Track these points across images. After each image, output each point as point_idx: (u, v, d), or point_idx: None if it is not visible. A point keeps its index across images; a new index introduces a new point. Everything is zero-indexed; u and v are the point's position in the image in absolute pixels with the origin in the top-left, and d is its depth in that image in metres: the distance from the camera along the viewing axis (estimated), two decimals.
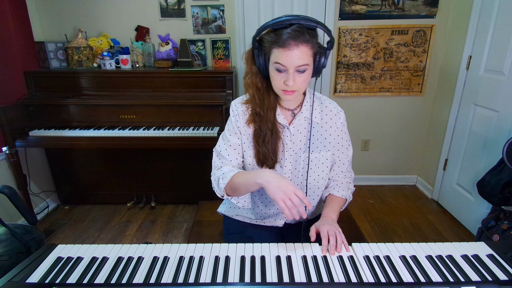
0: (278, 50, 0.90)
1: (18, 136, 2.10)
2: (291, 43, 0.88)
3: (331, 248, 0.87)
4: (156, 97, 2.21)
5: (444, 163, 2.51)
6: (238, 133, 1.08)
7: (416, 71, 2.60)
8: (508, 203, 1.64)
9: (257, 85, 1.02)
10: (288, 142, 1.08)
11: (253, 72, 1.01)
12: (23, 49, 2.24)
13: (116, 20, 2.48)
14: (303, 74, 0.93)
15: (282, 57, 0.89)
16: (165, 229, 2.32)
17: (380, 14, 2.46)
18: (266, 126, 1.03)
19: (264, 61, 0.96)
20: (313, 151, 1.09)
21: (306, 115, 1.07)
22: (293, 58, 0.89)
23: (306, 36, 0.89)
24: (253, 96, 1.04)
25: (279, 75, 0.93)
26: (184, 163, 2.51)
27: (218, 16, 2.47)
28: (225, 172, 1.02)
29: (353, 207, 2.57)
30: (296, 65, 0.90)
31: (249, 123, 1.06)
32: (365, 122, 2.78)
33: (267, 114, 1.03)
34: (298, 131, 1.08)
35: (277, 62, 0.91)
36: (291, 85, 0.92)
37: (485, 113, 2.07)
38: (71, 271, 0.80)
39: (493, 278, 0.76)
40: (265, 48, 0.94)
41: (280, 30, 0.90)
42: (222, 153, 1.09)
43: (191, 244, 0.90)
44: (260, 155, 1.06)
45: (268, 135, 1.03)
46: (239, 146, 1.09)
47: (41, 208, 2.50)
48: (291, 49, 0.88)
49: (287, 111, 1.08)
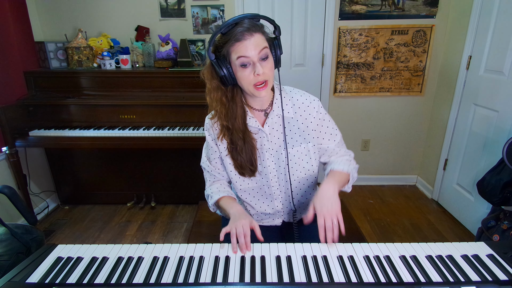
0: (236, 46, 0.90)
1: (18, 136, 2.10)
2: (245, 34, 0.89)
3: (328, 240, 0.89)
4: (156, 97, 2.21)
5: (444, 163, 2.51)
6: (214, 147, 1.12)
7: (416, 71, 2.60)
8: (508, 203, 1.64)
9: (221, 99, 1.02)
10: (266, 143, 1.08)
11: (214, 87, 1.01)
12: (23, 49, 2.24)
13: (116, 20, 2.48)
14: (268, 61, 0.94)
15: (242, 49, 0.90)
16: (165, 229, 2.32)
17: (380, 14, 2.46)
18: (237, 136, 1.04)
19: (226, 67, 0.94)
20: (294, 146, 1.09)
21: (278, 112, 1.06)
22: (252, 46, 0.90)
23: (256, 26, 0.92)
24: (218, 111, 1.04)
25: (246, 71, 0.93)
26: (184, 163, 2.50)
27: (218, 16, 2.47)
28: (214, 192, 1.12)
29: (353, 207, 2.57)
30: (257, 52, 0.91)
31: (220, 138, 1.08)
32: (365, 122, 2.78)
33: (235, 124, 1.03)
34: (274, 129, 1.08)
35: (240, 56, 0.91)
36: (262, 73, 0.92)
37: (485, 113, 2.07)
38: (71, 271, 0.80)
39: (493, 278, 0.76)
40: (223, 52, 0.94)
41: (230, 31, 0.91)
42: (207, 169, 1.17)
43: (191, 244, 0.90)
44: (237, 166, 1.09)
45: (240, 145, 1.05)
46: (219, 159, 1.14)
47: (41, 208, 2.50)
48: (247, 38, 0.90)
49: (259, 112, 1.07)
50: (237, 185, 1.15)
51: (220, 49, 0.94)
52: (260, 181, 1.13)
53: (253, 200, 1.17)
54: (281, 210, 1.19)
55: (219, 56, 0.95)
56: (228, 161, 1.11)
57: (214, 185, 1.16)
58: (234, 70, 0.95)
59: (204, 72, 1.02)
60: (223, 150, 1.10)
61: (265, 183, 1.13)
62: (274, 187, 1.14)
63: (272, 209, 1.18)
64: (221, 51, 0.94)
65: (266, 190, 1.15)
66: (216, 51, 0.96)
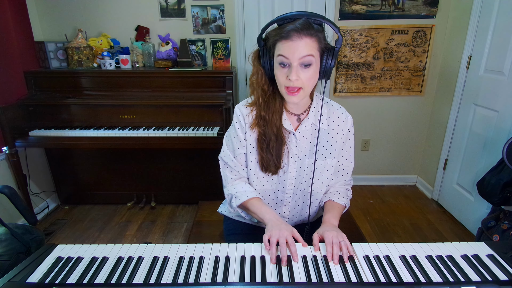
0: (281, 43, 0.88)
1: (18, 136, 2.10)
2: (294, 34, 0.86)
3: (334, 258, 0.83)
4: (156, 97, 2.21)
5: (444, 163, 2.51)
6: (243, 140, 1.05)
7: (416, 71, 2.60)
8: (508, 203, 1.65)
9: (263, 87, 0.99)
10: (294, 148, 1.04)
11: (259, 73, 0.98)
12: (23, 49, 2.24)
13: (116, 20, 2.48)
14: (308, 69, 0.89)
15: (285, 48, 0.87)
16: (165, 229, 2.32)
17: (380, 14, 2.46)
18: (271, 131, 0.99)
19: (269, 59, 0.93)
20: (318, 158, 1.06)
21: (313, 121, 1.03)
22: (295, 49, 0.86)
23: (310, 29, 0.87)
24: (258, 98, 1.00)
25: (282, 71, 0.90)
26: (184, 163, 2.50)
27: (218, 16, 2.47)
28: (239, 192, 1.05)
29: (353, 207, 2.57)
30: (299, 57, 0.86)
31: (253, 127, 1.02)
32: (365, 122, 2.78)
33: (272, 118, 0.99)
34: (304, 137, 1.04)
35: (280, 55, 0.88)
36: (294, 80, 0.88)
37: (485, 113, 2.07)
38: (71, 271, 0.80)
39: (493, 278, 0.76)
40: (270, 44, 0.92)
41: (285, 24, 0.89)
42: (230, 163, 1.08)
43: (191, 244, 0.90)
44: (263, 161, 1.03)
45: (273, 140, 1.00)
46: (244, 154, 1.07)
47: (41, 208, 2.50)
48: (294, 40, 0.86)
49: (293, 116, 1.04)
50: (253, 184, 1.10)
51: (269, 39, 0.92)
52: (277, 185, 1.10)
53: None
54: (287, 217, 1.17)
55: (266, 45, 0.93)
56: (253, 156, 1.05)
57: (238, 184, 1.08)
58: (274, 65, 0.93)
59: (253, 55, 1.00)
60: (251, 141, 1.04)
61: (281, 188, 1.10)
62: (288, 194, 1.11)
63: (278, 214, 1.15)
64: (269, 41, 0.92)
65: (278, 195, 1.12)
66: (266, 39, 0.94)
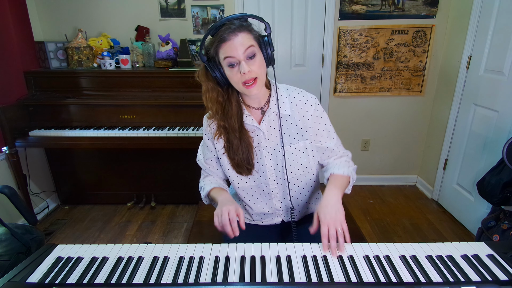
0: (222, 47, 0.92)
1: (18, 136, 2.10)
2: (230, 34, 0.91)
3: (331, 250, 0.86)
4: (156, 97, 2.21)
5: (444, 163, 2.51)
6: (211, 147, 1.14)
7: (416, 71, 2.60)
8: (508, 203, 1.65)
9: (217, 99, 1.03)
10: (263, 141, 1.08)
11: (209, 88, 1.03)
12: (23, 49, 2.24)
13: (116, 20, 2.48)
14: (255, 59, 0.94)
15: (227, 49, 0.92)
16: (165, 229, 2.32)
17: (380, 14, 2.46)
18: (233, 136, 1.05)
19: (217, 68, 0.97)
20: (291, 143, 1.09)
21: (274, 110, 1.07)
22: (236, 46, 0.91)
23: (241, 26, 0.92)
24: (214, 111, 1.05)
25: (233, 70, 0.94)
26: (184, 163, 2.50)
27: (218, 16, 2.47)
28: (205, 184, 1.15)
29: (353, 207, 2.57)
30: (242, 51, 0.91)
31: (217, 137, 1.09)
32: (365, 122, 2.78)
33: (231, 123, 1.04)
34: (271, 127, 1.08)
35: (226, 57, 0.93)
36: (248, 72, 0.92)
37: (485, 113, 2.07)
38: (71, 271, 0.80)
39: (493, 278, 0.76)
40: (212, 53, 0.96)
41: (217, 32, 0.93)
42: (204, 167, 1.19)
43: (191, 244, 0.90)
44: (234, 165, 1.10)
45: (236, 144, 1.06)
46: (215, 157, 1.15)
47: (41, 208, 2.50)
48: (231, 38, 0.91)
49: (256, 110, 1.08)
50: (235, 183, 1.15)
51: (210, 51, 0.96)
52: (258, 180, 1.13)
53: (252, 199, 1.17)
54: (280, 209, 1.19)
55: (210, 58, 0.98)
56: (225, 159, 1.12)
57: (207, 178, 1.19)
58: (224, 70, 0.97)
59: (199, 74, 1.04)
60: (220, 148, 1.11)
61: (263, 182, 1.13)
62: (272, 186, 1.14)
63: (271, 208, 1.18)
64: (210, 52, 0.96)
65: (264, 189, 1.15)
66: (207, 53, 0.98)
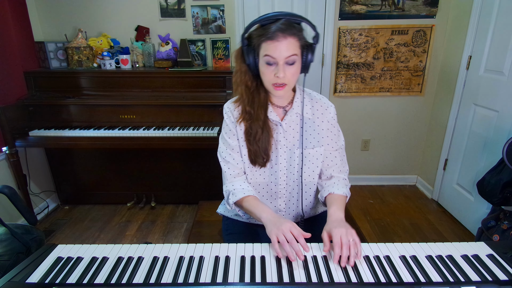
0: (267, 43, 0.92)
1: (18, 136, 2.10)
2: (279, 35, 0.90)
3: (342, 260, 0.81)
4: (156, 97, 2.21)
5: (444, 163, 2.51)
6: (235, 132, 1.09)
7: (416, 71, 2.60)
8: (508, 203, 1.65)
9: (247, 83, 1.03)
10: (282, 139, 1.08)
11: (242, 70, 1.02)
12: (23, 49, 2.24)
13: (116, 20, 2.48)
14: (293, 66, 0.95)
15: (271, 49, 0.92)
16: (165, 229, 2.32)
17: (380, 14, 2.46)
18: (256, 124, 1.04)
19: (254, 58, 0.97)
20: (307, 147, 1.09)
21: (297, 111, 1.08)
22: (281, 49, 0.91)
23: (293, 29, 0.92)
24: (242, 94, 1.04)
25: (269, 69, 0.95)
26: (184, 163, 2.51)
27: (218, 16, 2.47)
28: (237, 189, 1.07)
29: (353, 207, 2.57)
30: (285, 56, 0.92)
31: (239, 122, 1.07)
32: (365, 122, 2.78)
33: (257, 112, 1.04)
34: (291, 127, 1.09)
35: (267, 55, 0.93)
36: (282, 77, 0.93)
37: (485, 113, 2.07)
38: (71, 271, 0.80)
39: (493, 278, 0.76)
40: (254, 43, 0.96)
41: (268, 25, 0.93)
42: (227, 159, 1.11)
43: (191, 244, 0.90)
44: (251, 154, 1.07)
45: (259, 133, 1.04)
46: (238, 146, 1.10)
47: (41, 208, 2.50)
48: (280, 40, 0.90)
49: (278, 108, 1.09)
50: (247, 177, 1.14)
51: (253, 39, 0.96)
52: (269, 177, 1.13)
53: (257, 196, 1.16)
54: (283, 210, 1.18)
55: (250, 44, 0.97)
56: (243, 150, 1.09)
57: (236, 181, 1.10)
58: (259, 63, 0.97)
59: (235, 53, 1.04)
60: (241, 135, 1.08)
61: (273, 180, 1.13)
62: (281, 186, 1.14)
63: (274, 207, 1.17)
64: (253, 41, 0.96)
65: (272, 188, 1.15)
66: (249, 38, 0.97)
